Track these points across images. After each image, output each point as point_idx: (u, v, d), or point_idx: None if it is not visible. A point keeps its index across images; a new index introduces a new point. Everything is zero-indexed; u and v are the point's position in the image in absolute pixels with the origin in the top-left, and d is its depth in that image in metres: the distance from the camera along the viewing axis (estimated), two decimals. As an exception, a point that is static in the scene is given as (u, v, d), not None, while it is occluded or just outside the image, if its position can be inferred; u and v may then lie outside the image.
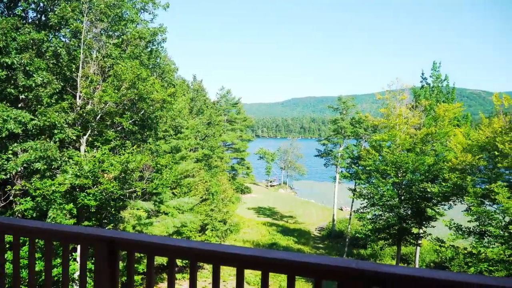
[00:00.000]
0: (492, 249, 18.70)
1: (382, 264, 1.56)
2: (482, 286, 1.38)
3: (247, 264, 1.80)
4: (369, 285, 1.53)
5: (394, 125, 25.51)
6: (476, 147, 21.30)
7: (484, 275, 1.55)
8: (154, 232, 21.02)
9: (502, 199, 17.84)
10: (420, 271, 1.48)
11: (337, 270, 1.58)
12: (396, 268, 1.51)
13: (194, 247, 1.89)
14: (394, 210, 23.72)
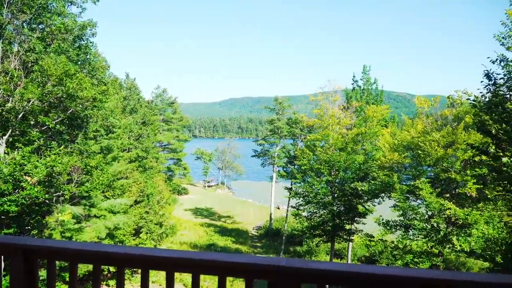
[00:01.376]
0: (416, 242, 20.07)
1: (310, 261, 1.62)
2: (396, 277, 1.47)
3: (176, 267, 1.79)
4: (299, 282, 1.57)
5: (327, 125, 26.44)
6: (402, 146, 22.71)
7: (398, 267, 1.69)
8: (84, 238, 19.87)
9: (425, 195, 19.20)
10: (346, 266, 1.55)
11: (267, 269, 1.60)
12: (324, 264, 1.57)
13: (121, 252, 1.82)
14: (328, 207, 24.59)
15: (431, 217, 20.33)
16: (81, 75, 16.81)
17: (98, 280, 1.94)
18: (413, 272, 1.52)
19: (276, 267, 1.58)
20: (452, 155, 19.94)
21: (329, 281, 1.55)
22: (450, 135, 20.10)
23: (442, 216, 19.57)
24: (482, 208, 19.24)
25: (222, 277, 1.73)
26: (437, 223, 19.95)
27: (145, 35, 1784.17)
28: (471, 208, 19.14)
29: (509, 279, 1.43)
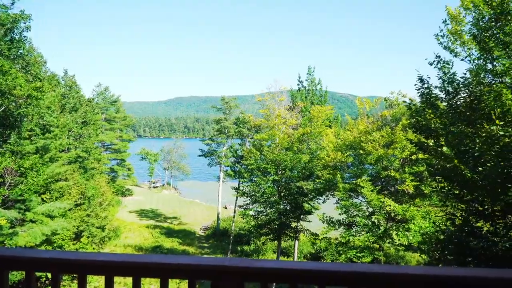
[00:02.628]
0: (359, 238, 20.81)
1: (253, 259, 1.64)
2: (339, 272, 1.55)
3: (117, 271, 1.71)
4: (242, 281, 1.58)
5: (274, 125, 26.68)
6: (345, 146, 23.46)
7: (339, 263, 1.72)
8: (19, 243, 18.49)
9: (367, 192, 19.96)
10: (288, 264, 1.61)
11: (209, 269, 1.61)
12: (267, 263, 1.61)
13: (55, 257, 1.74)
14: (274, 206, 24.82)
15: (372, 213, 21.18)
16: (14, 71, 15.59)
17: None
18: (349, 267, 1.58)
19: (219, 267, 1.59)
20: (391, 154, 20.90)
21: (272, 279, 1.60)
22: (389, 135, 21.06)
23: (382, 212, 20.44)
24: (419, 204, 20.39)
25: (164, 279, 1.68)
26: (377, 219, 20.81)
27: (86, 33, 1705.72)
28: (409, 204, 20.18)
29: (443, 271, 1.56)
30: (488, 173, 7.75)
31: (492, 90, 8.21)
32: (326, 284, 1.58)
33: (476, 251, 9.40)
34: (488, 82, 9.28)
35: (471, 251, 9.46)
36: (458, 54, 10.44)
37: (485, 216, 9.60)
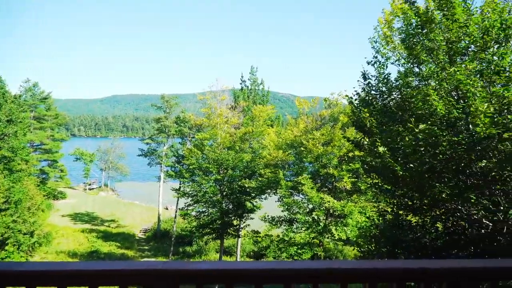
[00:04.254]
0: (300, 234, 21.36)
1: (188, 262, 1.67)
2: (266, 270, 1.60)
3: (38, 282, 1.60)
4: (177, 284, 1.57)
5: (216, 124, 26.55)
6: (286, 144, 23.96)
7: (272, 261, 1.76)
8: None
9: (307, 189, 20.52)
10: (224, 264, 1.63)
11: (142, 273, 1.57)
12: (202, 264, 1.61)
13: None
14: (217, 205, 24.71)
15: (313, 210, 21.82)
16: None
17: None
18: (285, 265, 1.63)
19: (152, 271, 1.56)
20: (330, 152, 21.69)
21: (208, 280, 1.59)
22: (328, 133, 21.84)
23: (322, 209, 21.12)
24: (356, 200, 21.36)
25: (93, 287, 1.61)
26: (317, 216, 21.48)
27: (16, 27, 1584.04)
28: (346, 200, 21.07)
29: (374, 264, 1.69)
30: (416, 170, 8.30)
31: (419, 92, 8.79)
32: (263, 283, 1.60)
33: (407, 243, 10.02)
34: (416, 84, 9.93)
35: (402, 243, 10.07)
36: (389, 58, 11.05)
37: (414, 210, 10.26)
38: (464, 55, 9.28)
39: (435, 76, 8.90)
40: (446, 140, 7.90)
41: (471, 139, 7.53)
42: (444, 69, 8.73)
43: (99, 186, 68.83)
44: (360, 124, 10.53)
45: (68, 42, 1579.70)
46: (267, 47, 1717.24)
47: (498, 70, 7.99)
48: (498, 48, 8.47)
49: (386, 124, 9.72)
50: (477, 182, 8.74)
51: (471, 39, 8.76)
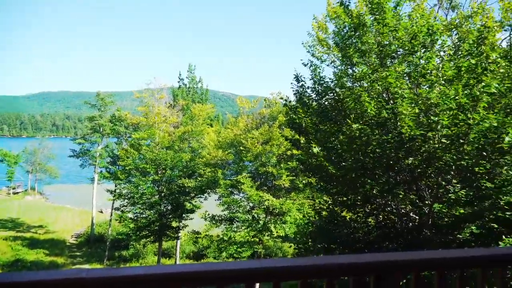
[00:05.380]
0: (240, 233, 21.41)
1: (119, 268, 1.58)
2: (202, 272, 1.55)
3: None
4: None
5: (153, 123, 25.83)
6: (226, 143, 23.90)
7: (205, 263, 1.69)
8: None
9: (247, 188, 20.64)
10: (157, 268, 1.54)
11: (64, 283, 1.45)
12: (134, 270, 1.52)
13: None
14: (155, 207, 24.04)
15: (252, 208, 21.99)
16: None
17: None
18: (215, 267, 1.59)
19: (76, 280, 1.43)
20: (269, 151, 21.97)
21: (140, 286, 1.52)
22: (267, 132, 22.11)
23: (262, 207, 21.35)
24: (294, 197, 21.83)
25: None
26: (257, 214, 21.67)
27: None
28: (285, 198, 21.48)
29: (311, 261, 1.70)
30: (349, 168, 8.63)
31: (352, 93, 9.14)
32: (197, 285, 1.57)
33: (341, 238, 10.40)
34: (349, 85, 10.33)
35: (337, 238, 10.43)
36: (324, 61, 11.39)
37: (348, 206, 10.69)
38: (393, 58, 9.81)
39: (367, 77, 9.31)
40: (377, 139, 8.29)
41: (399, 138, 7.96)
42: (376, 71, 9.16)
43: (25, 190, 64.02)
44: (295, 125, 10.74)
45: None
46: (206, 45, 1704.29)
47: (424, 73, 8.53)
48: (425, 52, 9.03)
49: (321, 123, 10.01)
50: (405, 178, 9.29)
51: (400, 42, 9.26)
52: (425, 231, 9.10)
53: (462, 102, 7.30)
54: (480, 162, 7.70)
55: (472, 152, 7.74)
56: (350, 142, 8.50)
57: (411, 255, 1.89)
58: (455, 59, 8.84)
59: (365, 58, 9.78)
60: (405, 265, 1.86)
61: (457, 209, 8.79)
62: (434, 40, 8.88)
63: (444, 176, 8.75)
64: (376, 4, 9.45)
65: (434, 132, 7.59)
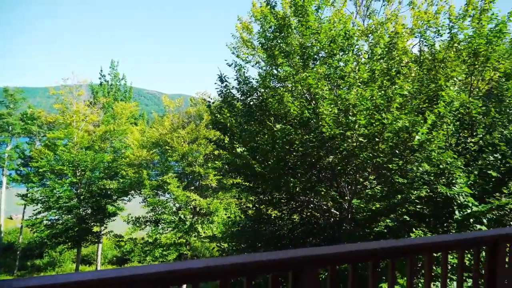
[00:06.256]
0: (165, 235, 20.87)
1: (29, 278, 1.46)
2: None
3: None
4: None
5: (71, 122, 24.20)
6: (151, 143, 23.17)
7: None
8: None
9: (173, 189, 20.19)
10: (82, 275, 1.46)
11: None
12: (47, 278, 1.42)
13: None
14: (73, 211, 22.53)
15: (179, 209, 21.56)
16: None
17: None
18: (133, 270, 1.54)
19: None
20: (196, 150, 21.69)
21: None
22: (194, 131, 21.83)
23: (189, 207, 21.04)
24: (221, 197, 21.80)
25: None
26: (184, 215, 21.29)
27: None
28: (212, 198, 21.35)
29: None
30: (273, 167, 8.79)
31: (276, 94, 9.32)
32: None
33: (267, 236, 10.57)
34: (274, 86, 10.52)
35: (263, 236, 10.59)
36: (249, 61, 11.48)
37: (273, 204, 10.90)
38: (315, 60, 10.18)
39: (290, 78, 9.54)
40: (299, 138, 8.53)
41: (321, 137, 8.27)
42: (298, 72, 9.43)
43: None
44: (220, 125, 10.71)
45: None
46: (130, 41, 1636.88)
47: (342, 75, 8.96)
48: (343, 55, 9.49)
49: (246, 123, 10.08)
50: (327, 176, 9.70)
51: (321, 45, 9.63)
52: (345, 226, 9.57)
53: (378, 102, 7.77)
54: (393, 160, 8.28)
55: (386, 150, 8.29)
56: (274, 142, 8.66)
57: (327, 250, 1.96)
58: (370, 63, 9.39)
59: (289, 59, 10.02)
60: (321, 260, 1.92)
61: (374, 203, 9.38)
62: (351, 44, 9.36)
63: (362, 173, 9.27)
64: (301, 7, 9.73)
65: (352, 131, 7.99)
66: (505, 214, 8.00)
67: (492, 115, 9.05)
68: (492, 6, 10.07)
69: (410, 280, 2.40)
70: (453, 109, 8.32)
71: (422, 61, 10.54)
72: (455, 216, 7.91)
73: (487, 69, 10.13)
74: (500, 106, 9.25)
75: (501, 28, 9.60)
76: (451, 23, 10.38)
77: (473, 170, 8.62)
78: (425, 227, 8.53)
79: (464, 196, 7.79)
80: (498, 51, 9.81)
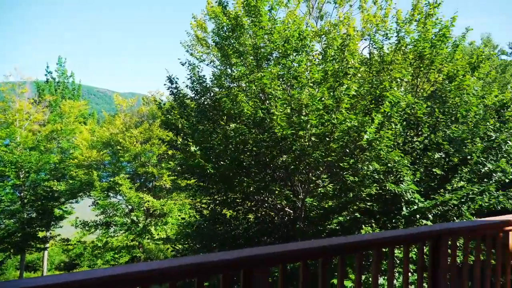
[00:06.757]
0: (117, 238, 20.21)
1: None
2: None
3: None
4: None
5: (14, 121, 22.78)
6: (101, 143, 22.34)
7: None
8: None
9: (125, 190, 19.60)
10: (28, 281, 1.38)
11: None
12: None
13: None
14: (16, 215, 21.22)
15: (132, 211, 20.97)
16: None
17: None
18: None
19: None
20: (149, 150, 21.17)
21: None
22: (147, 131, 21.29)
23: (142, 209, 20.50)
24: (175, 198, 21.42)
25: None
26: (137, 216, 20.72)
27: None
28: (166, 199, 20.93)
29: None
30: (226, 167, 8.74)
31: (230, 93, 9.26)
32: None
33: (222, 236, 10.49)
34: (228, 85, 10.45)
35: (218, 236, 10.49)
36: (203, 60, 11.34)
37: (228, 204, 10.83)
38: (269, 60, 10.22)
39: (244, 78, 9.52)
40: (253, 138, 8.53)
41: (274, 137, 8.31)
42: (252, 72, 9.42)
43: None
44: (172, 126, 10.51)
45: None
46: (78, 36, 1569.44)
47: (295, 76, 9.05)
48: (296, 56, 9.58)
49: (200, 123, 9.96)
50: (281, 175, 9.77)
51: (274, 45, 9.67)
52: (299, 224, 9.69)
53: (328, 103, 7.92)
54: (344, 158, 8.48)
55: (337, 150, 8.47)
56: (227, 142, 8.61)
57: (278, 248, 1.99)
58: (323, 63, 9.56)
59: (243, 59, 9.99)
60: (272, 258, 1.94)
61: (326, 202, 9.58)
62: (305, 45, 9.48)
63: (314, 172, 9.42)
64: (253, 7, 9.72)
65: (305, 131, 8.09)
66: (449, 209, 8.41)
67: (436, 116, 9.51)
68: (437, 12, 10.57)
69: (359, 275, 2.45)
70: (400, 110, 8.65)
71: (371, 63, 10.90)
72: (403, 212, 8.24)
73: (432, 72, 10.64)
74: (444, 107, 9.73)
75: (444, 33, 10.10)
76: (398, 26, 10.80)
77: (419, 168, 8.99)
78: (375, 223, 8.82)
79: (411, 193, 8.11)
80: (442, 54, 10.32)
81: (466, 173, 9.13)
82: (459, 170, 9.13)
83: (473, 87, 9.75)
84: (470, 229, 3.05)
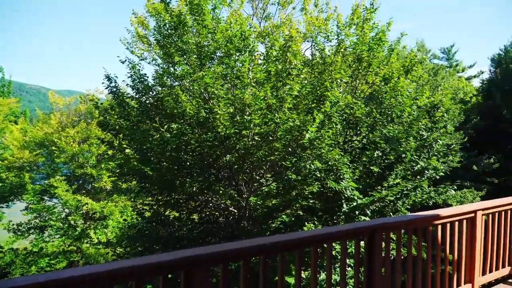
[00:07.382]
0: (53, 243, 19.08)
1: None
2: None
3: None
4: None
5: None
6: (34, 143, 21.04)
7: None
8: None
9: (61, 193, 18.55)
10: None
11: None
12: None
13: None
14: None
15: (69, 214, 19.91)
16: None
17: None
18: None
19: None
20: (87, 151, 20.22)
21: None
22: (84, 130, 20.34)
23: (80, 212, 19.54)
24: (116, 200, 20.61)
25: None
26: (74, 220, 19.70)
27: None
28: (107, 201, 20.08)
29: None
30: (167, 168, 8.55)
31: (172, 92, 9.07)
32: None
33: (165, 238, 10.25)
34: (170, 84, 10.22)
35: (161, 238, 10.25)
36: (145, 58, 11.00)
37: (171, 205, 10.61)
38: (212, 59, 10.13)
39: (188, 77, 9.36)
40: (196, 138, 8.42)
41: (218, 136, 8.26)
42: (195, 71, 9.29)
43: None
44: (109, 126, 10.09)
45: None
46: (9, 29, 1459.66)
47: (238, 75, 9.05)
48: (239, 56, 9.58)
49: (141, 122, 9.66)
50: (225, 174, 9.73)
51: (217, 45, 9.61)
52: (244, 223, 9.72)
53: (271, 103, 8.01)
54: (287, 157, 8.62)
55: (280, 149, 8.60)
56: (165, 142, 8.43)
57: (219, 248, 2.02)
58: (266, 64, 9.65)
59: (186, 58, 9.82)
60: (213, 258, 1.96)
61: (270, 200, 9.68)
62: (248, 45, 9.52)
63: (258, 171, 9.50)
64: (196, 5, 9.58)
65: (248, 130, 8.12)
66: (386, 205, 8.83)
67: (374, 116, 9.95)
68: (374, 16, 11.06)
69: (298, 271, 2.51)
70: (340, 110, 8.94)
71: (313, 64, 11.19)
72: (343, 209, 8.53)
73: (369, 74, 11.12)
74: (380, 107, 10.20)
75: (380, 37, 10.61)
76: (339, 30, 11.18)
77: (358, 166, 9.36)
78: (317, 220, 9.05)
79: (350, 190, 8.41)
80: (379, 57, 10.82)
81: (401, 170, 9.63)
82: (395, 168, 9.61)
83: (406, 89, 10.31)
84: (403, 223, 3.22)
